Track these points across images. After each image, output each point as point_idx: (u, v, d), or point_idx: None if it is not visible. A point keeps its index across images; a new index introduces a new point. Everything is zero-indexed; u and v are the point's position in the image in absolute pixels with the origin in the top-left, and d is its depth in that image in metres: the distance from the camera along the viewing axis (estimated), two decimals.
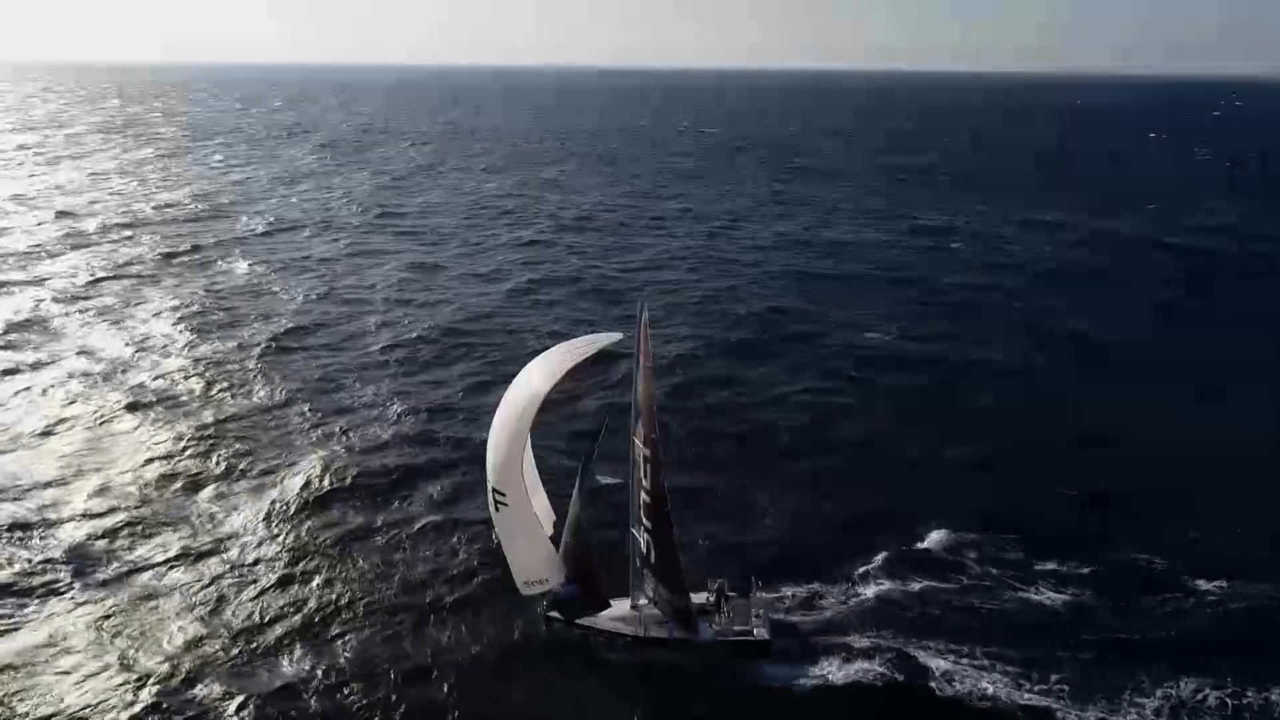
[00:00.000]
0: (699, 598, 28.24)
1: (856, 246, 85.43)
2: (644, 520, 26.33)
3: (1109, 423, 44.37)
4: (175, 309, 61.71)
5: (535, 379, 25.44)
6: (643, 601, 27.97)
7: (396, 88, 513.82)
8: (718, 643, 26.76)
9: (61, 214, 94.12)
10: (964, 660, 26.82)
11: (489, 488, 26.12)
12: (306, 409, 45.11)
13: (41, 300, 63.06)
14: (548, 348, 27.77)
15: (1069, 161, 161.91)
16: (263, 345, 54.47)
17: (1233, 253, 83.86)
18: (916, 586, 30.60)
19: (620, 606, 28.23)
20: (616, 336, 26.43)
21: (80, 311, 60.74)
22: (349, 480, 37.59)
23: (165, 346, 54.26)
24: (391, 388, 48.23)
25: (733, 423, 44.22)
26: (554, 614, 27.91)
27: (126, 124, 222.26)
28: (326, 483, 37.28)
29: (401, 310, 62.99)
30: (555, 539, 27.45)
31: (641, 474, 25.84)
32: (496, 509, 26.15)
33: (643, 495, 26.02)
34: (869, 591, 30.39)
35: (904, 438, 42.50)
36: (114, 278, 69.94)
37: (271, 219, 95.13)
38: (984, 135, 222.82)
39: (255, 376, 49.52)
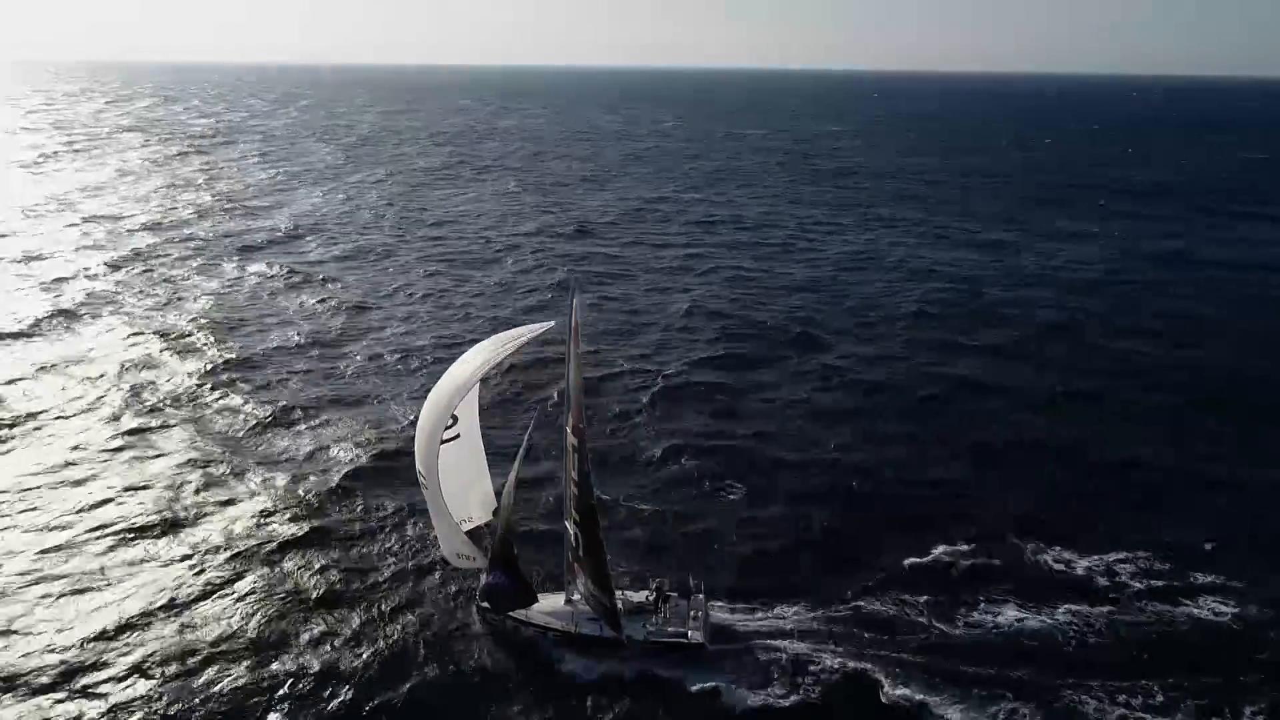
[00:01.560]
0: (638, 596, 27.59)
1: (880, 254, 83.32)
2: (573, 512, 25.59)
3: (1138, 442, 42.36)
4: (202, 310, 61.74)
5: (463, 369, 25.08)
6: (576, 596, 27.27)
7: (421, 88, 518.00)
8: (650, 642, 26.00)
9: (96, 216, 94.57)
10: (931, 680, 25.62)
11: (417, 468, 25.95)
12: (324, 414, 44.45)
13: (70, 298, 63.52)
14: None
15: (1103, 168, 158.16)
16: (284, 347, 54.45)
17: None
18: (890, 605, 29.30)
19: (555, 600, 27.62)
20: (548, 325, 25.81)
21: (102, 313, 60.84)
22: (349, 485, 37.18)
23: (191, 347, 53.99)
24: (409, 392, 47.41)
25: (745, 433, 43.04)
26: (485, 605, 27.40)
27: (157, 122, 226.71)
28: (324, 490, 36.74)
29: (427, 315, 61.97)
30: (491, 526, 27.01)
31: (570, 464, 25.09)
32: (423, 489, 26.17)
33: (571, 486, 25.28)
34: (840, 607, 29.16)
35: (918, 455, 40.87)
36: (137, 277, 70.25)
37: (307, 219, 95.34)
38: (1012, 138, 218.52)
39: (277, 379, 49.29)
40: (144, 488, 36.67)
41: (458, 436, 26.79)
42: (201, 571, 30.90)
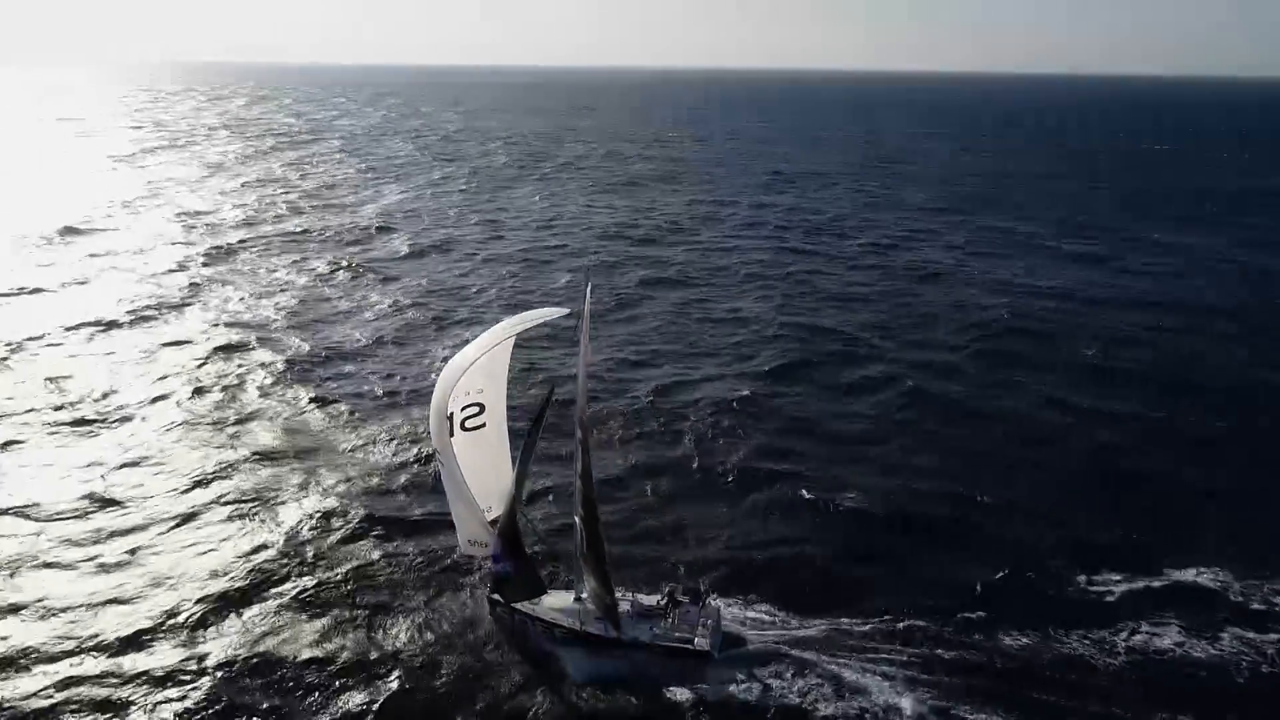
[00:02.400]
0: (649, 599, 26.91)
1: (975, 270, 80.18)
2: (579, 507, 25.05)
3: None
4: (292, 304, 63.02)
5: (468, 350, 24.88)
6: (585, 594, 26.70)
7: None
8: (655, 646, 25.28)
9: (196, 211, 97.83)
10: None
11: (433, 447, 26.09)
12: (411, 410, 44.41)
13: (167, 289, 65.94)
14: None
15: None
16: (376, 341, 55.22)
17: None
18: (979, 634, 27.54)
19: (565, 597, 27.16)
20: (562, 311, 25.36)
21: (196, 305, 62.72)
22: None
23: (282, 340, 54.94)
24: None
25: (820, 447, 41.56)
26: (495, 596, 27.13)
27: (252, 121, 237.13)
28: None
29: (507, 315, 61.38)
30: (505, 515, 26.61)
31: (576, 458, 24.57)
32: (440, 468, 26.01)
33: (577, 480, 24.75)
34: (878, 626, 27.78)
35: (1003, 475, 38.54)
36: (231, 270, 72.44)
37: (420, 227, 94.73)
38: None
39: (365, 373, 49.79)
40: (230, 476, 37.36)
41: (484, 425, 26.28)
42: (269, 559, 31.39)
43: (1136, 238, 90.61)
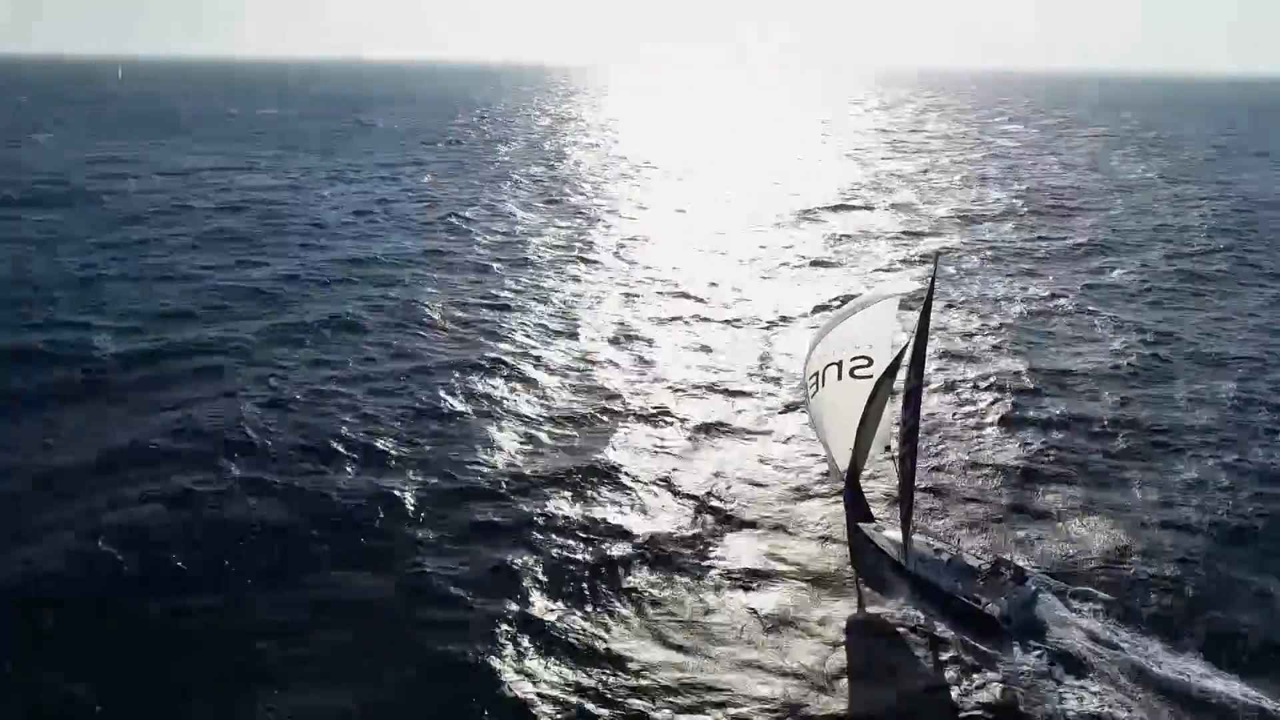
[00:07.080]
0: (974, 562, 28.92)
1: None
2: (903, 452, 28.94)
3: None
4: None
5: (862, 308, 30.71)
6: (915, 537, 30.12)
7: None
8: (946, 596, 27.54)
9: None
10: None
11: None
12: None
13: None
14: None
15: None
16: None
17: None
18: None
19: (898, 533, 30.95)
20: (912, 287, 29.16)
21: None
22: None
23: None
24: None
25: None
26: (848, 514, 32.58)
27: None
28: None
29: None
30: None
31: (907, 415, 28.56)
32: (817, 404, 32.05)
33: (904, 434, 28.74)
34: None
35: None
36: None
37: None
38: None
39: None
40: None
41: (870, 377, 31.13)
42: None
43: None
